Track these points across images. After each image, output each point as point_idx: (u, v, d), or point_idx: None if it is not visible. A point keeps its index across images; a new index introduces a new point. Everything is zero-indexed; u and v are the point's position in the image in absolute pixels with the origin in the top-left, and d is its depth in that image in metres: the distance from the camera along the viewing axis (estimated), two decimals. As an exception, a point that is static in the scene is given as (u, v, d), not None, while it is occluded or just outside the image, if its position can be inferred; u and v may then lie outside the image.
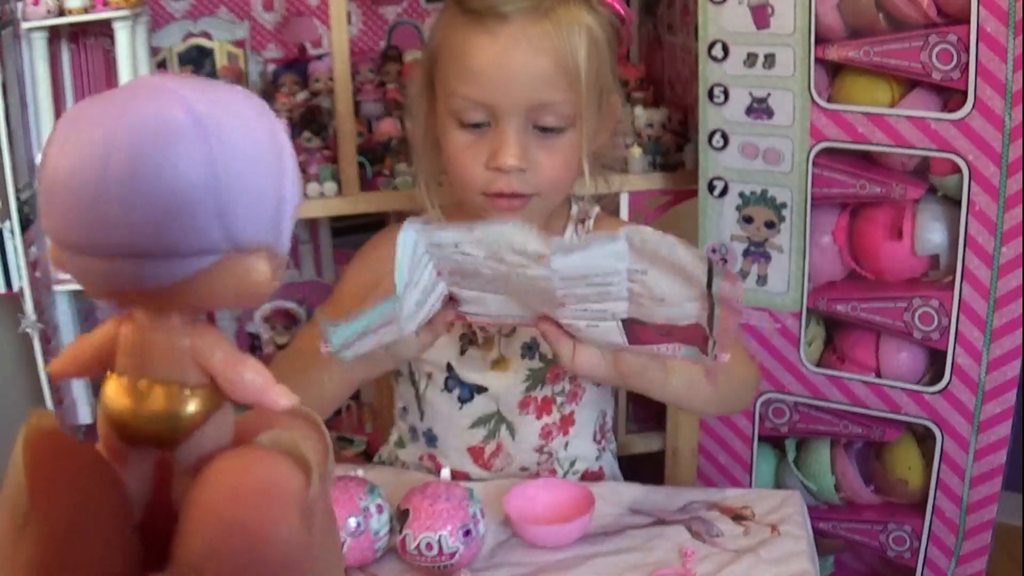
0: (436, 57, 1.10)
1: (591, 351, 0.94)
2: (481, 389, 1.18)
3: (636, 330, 0.90)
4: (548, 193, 1.09)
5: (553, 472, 1.20)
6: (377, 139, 1.69)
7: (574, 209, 1.21)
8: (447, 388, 1.19)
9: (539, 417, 1.19)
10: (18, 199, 1.63)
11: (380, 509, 1.00)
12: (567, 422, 1.20)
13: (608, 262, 0.85)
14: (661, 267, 0.84)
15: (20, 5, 1.61)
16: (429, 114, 1.13)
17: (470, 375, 1.18)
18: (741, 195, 1.58)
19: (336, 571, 0.40)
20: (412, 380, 1.23)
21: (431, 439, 1.22)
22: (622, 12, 1.12)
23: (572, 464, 1.22)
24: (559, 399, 1.19)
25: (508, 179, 1.06)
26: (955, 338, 1.47)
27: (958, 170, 1.41)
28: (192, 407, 0.40)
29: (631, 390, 1.02)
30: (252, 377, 0.41)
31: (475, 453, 1.20)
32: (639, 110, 1.75)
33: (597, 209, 1.23)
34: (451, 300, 0.97)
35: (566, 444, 1.20)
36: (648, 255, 0.84)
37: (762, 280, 1.59)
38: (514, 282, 0.90)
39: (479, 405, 1.19)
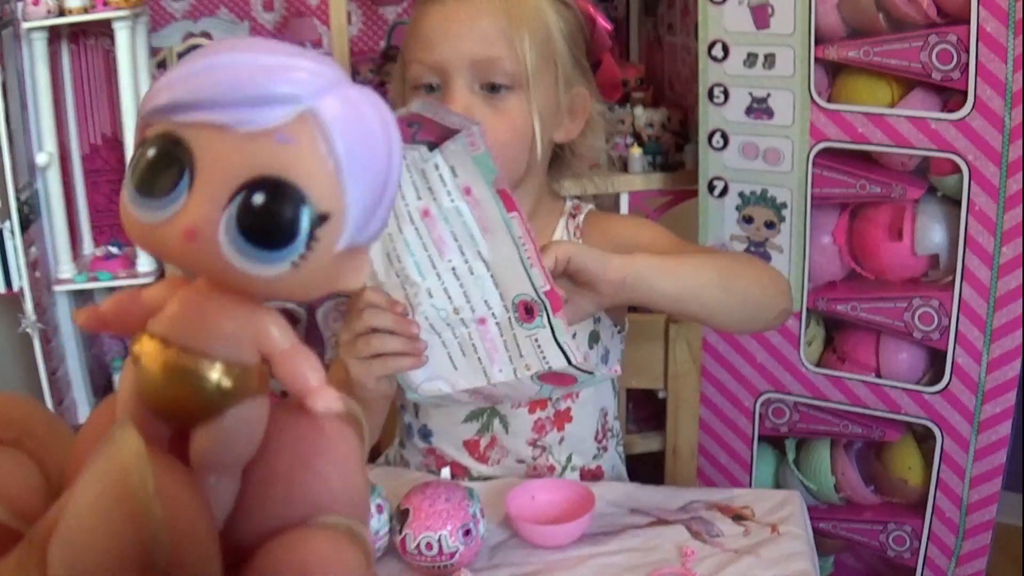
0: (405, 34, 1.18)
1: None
2: None
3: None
4: (495, 155, 1.11)
5: (551, 468, 1.21)
6: (377, 139, 1.69)
7: (567, 204, 1.22)
8: None
9: (531, 412, 1.19)
10: (18, 199, 1.63)
11: (380, 509, 1.00)
12: (562, 417, 1.20)
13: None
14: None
15: (20, 5, 1.61)
16: (403, 92, 1.16)
17: None
18: (741, 195, 1.58)
19: None
20: None
21: (426, 435, 1.23)
22: (591, 11, 1.15)
23: (569, 460, 1.22)
24: (554, 395, 1.19)
25: None
26: (955, 338, 1.47)
27: (958, 170, 1.41)
28: (231, 382, 0.40)
29: (636, 303, 1.04)
30: (307, 371, 0.41)
31: (470, 447, 1.21)
32: (639, 110, 1.75)
33: (590, 206, 1.23)
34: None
35: (560, 439, 1.20)
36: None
37: (762, 280, 1.59)
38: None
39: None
